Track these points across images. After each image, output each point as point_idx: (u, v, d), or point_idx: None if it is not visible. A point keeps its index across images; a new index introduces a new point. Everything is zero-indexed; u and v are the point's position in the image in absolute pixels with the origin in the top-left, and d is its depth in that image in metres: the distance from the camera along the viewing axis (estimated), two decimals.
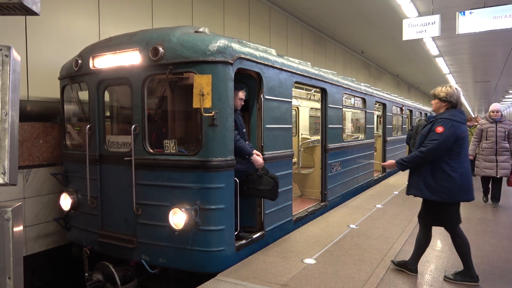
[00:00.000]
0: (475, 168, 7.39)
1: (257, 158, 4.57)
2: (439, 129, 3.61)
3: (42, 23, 5.40)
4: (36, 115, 5.34)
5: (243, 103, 4.64)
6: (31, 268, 5.27)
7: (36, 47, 5.38)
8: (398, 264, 4.14)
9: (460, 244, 3.83)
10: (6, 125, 1.57)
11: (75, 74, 4.90)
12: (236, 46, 4.28)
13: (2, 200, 4.86)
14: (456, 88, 3.83)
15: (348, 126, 11.76)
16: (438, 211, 3.80)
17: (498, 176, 7.04)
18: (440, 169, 3.63)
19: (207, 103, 3.81)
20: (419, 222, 4.04)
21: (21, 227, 1.69)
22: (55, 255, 5.57)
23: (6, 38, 4.99)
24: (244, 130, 4.65)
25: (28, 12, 1.60)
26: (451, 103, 3.79)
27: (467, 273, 3.79)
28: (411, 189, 3.88)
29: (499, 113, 7.14)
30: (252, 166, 4.59)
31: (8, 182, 1.56)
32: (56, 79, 5.34)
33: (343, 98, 7.62)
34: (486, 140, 7.16)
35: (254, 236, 4.71)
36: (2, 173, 1.55)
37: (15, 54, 1.66)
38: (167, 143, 4.45)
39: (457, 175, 3.60)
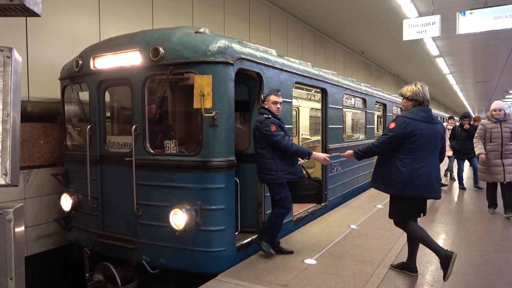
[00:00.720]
0: (481, 173, 6.70)
1: (319, 154, 4.44)
2: (391, 125, 3.77)
3: (43, 24, 5.41)
4: (36, 115, 5.35)
5: (279, 107, 4.40)
6: (32, 268, 5.27)
7: (37, 48, 5.38)
8: (397, 266, 4.14)
9: (416, 232, 3.83)
10: (8, 126, 1.56)
11: (76, 74, 4.90)
12: (236, 46, 4.29)
13: (3, 200, 4.86)
14: (422, 86, 3.87)
15: (349, 126, 11.75)
16: (392, 205, 3.95)
17: (506, 181, 6.30)
18: (393, 164, 3.76)
19: (208, 104, 3.81)
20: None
21: (22, 228, 1.69)
22: (56, 255, 5.57)
23: (6, 39, 4.99)
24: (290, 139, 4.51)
25: (30, 13, 1.60)
26: (418, 101, 3.85)
27: (442, 258, 3.68)
28: (372, 182, 4.06)
29: (502, 111, 6.50)
30: (300, 172, 4.49)
31: (10, 183, 1.56)
32: (57, 80, 5.34)
33: (344, 98, 7.62)
34: (491, 142, 6.46)
35: (255, 237, 4.70)
36: (4, 174, 1.55)
37: (16, 55, 1.66)
38: (168, 143, 4.46)
39: (407, 170, 3.66)
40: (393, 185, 3.76)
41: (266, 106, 4.38)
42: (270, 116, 4.30)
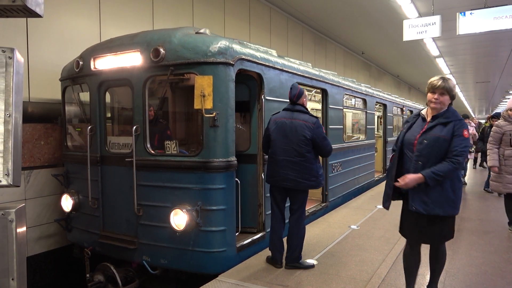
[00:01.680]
0: (494, 182, 5.78)
1: None
2: (466, 134, 3.03)
3: (43, 24, 5.41)
4: (37, 116, 5.35)
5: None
6: (33, 269, 5.27)
7: (37, 48, 5.38)
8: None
9: (441, 258, 3.45)
10: (10, 126, 1.57)
11: (76, 75, 4.91)
12: (237, 47, 4.29)
13: (3, 201, 4.87)
14: None
15: (349, 126, 11.74)
16: (449, 225, 3.26)
17: None
18: (457, 177, 3.13)
19: (208, 104, 3.81)
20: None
21: (24, 228, 1.69)
22: (57, 256, 5.58)
23: (7, 39, 5.00)
24: None
25: (32, 14, 1.60)
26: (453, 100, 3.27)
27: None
28: (436, 209, 3.06)
29: None
30: None
31: (12, 183, 1.56)
32: (57, 80, 5.35)
33: (344, 98, 7.62)
34: (510, 146, 5.54)
35: (255, 237, 4.71)
36: (6, 174, 1.55)
37: (18, 56, 1.66)
38: (168, 144, 4.46)
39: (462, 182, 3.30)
40: (457, 203, 3.12)
41: (306, 106, 4.24)
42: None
